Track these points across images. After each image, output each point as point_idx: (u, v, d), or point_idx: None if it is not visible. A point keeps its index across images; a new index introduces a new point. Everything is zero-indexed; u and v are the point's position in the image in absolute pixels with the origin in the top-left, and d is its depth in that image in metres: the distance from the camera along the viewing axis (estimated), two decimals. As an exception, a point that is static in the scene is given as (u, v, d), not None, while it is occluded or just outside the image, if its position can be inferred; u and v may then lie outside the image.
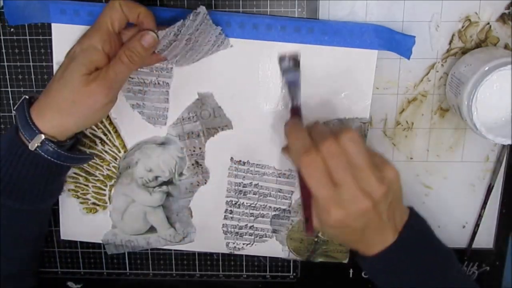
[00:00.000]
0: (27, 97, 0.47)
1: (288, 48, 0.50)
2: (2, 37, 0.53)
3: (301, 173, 0.43)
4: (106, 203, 0.56)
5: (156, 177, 0.55)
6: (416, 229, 0.47)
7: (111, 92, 0.46)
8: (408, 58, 0.49)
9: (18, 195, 0.47)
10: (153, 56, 0.49)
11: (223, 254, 0.59)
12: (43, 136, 0.46)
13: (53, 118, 0.46)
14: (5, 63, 0.53)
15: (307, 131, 0.45)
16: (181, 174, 0.55)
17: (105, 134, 0.54)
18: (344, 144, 0.42)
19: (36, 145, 0.46)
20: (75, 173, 0.55)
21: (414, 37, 0.49)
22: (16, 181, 0.47)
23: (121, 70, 0.46)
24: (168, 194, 0.56)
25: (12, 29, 0.53)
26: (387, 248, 0.45)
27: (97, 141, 0.55)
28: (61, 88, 0.45)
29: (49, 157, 0.46)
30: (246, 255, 0.59)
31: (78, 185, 0.56)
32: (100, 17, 0.46)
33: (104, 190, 0.56)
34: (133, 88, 0.53)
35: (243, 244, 0.58)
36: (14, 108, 0.48)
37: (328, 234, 0.45)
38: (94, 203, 0.57)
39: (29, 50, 0.53)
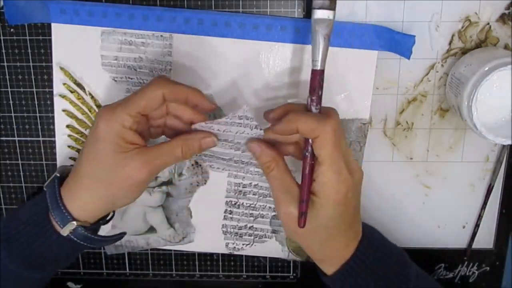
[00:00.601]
0: (58, 175, 0.46)
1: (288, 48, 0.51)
2: (2, 37, 0.53)
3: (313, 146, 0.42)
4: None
5: (156, 177, 0.55)
6: (375, 235, 0.48)
7: (152, 170, 0.43)
8: (408, 58, 0.49)
9: (37, 268, 0.46)
10: None
11: (223, 254, 0.59)
12: (75, 224, 0.44)
13: (86, 203, 0.44)
14: (5, 63, 0.53)
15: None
16: (180, 174, 0.55)
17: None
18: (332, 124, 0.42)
19: (68, 231, 0.44)
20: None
21: (414, 36, 0.49)
22: (39, 257, 0.45)
23: (169, 160, 0.44)
24: (168, 194, 0.56)
25: (12, 29, 0.53)
26: (352, 257, 0.45)
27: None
28: (93, 169, 0.43)
29: (81, 242, 0.45)
30: (246, 255, 0.59)
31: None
32: (137, 97, 0.42)
33: (104, 190, 0.56)
34: (132, 89, 0.53)
35: (243, 244, 0.58)
36: (45, 185, 0.46)
37: (324, 222, 0.43)
38: None
39: (29, 50, 0.53)
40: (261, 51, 0.51)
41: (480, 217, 0.56)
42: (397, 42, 0.49)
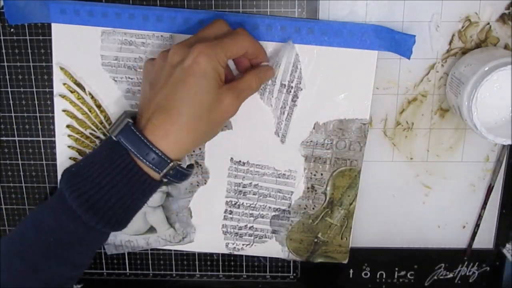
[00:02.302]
0: (130, 120, 0.44)
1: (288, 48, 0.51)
2: (2, 37, 0.53)
3: None
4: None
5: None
6: None
7: (239, 104, 0.46)
8: (409, 58, 0.49)
9: (117, 221, 0.44)
10: None
11: (223, 254, 0.59)
12: (176, 163, 0.44)
13: (181, 141, 0.43)
14: (5, 63, 0.53)
15: None
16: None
17: (105, 135, 0.54)
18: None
19: (164, 172, 0.44)
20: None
21: (414, 36, 0.49)
22: (123, 209, 0.44)
23: (249, 93, 0.48)
24: (168, 194, 0.56)
25: (12, 29, 0.53)
26: None
27: (97, 141, 0.55)
28: (193, 105, 0.43)
29: (175, 181, 0.45)
30: (246, 255, 0.59)
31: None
32: (231, 43, 0.45)
33: (104, 190, 0.56)
34: (132, 89, 0.53)
35: (243, 244, 0.58)
36: (115, 135, 0.43)
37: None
38: None
39: (29, 50, 0.53)
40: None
41: (480, 217, 0.56)
42: (397, 42, 0.49)
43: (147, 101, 0.45)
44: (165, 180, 0.45)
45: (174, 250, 0.59)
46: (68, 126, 0.54)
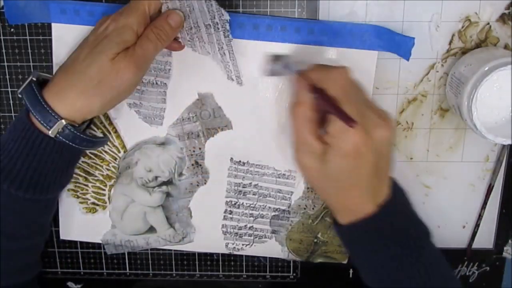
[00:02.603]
0: (34, 78, 0.45)
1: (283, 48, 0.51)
2: (2, 37, 0.53)
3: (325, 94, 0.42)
4: (105, 203, 0.56)
5: (156, 177, 0.55)
6: (401, 197, 0.47)
7: (138, 70, 0.45)
8: (408, 60, 0.49)
9: (30, 185, 0.46)
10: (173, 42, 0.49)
11: (223, 254, 0.59)
12: (64, 122, 0.44)
13: (77, 100, 0.44)
14: (5, 63, 0.53)
15: None
16: (180, 174, 0.55)
17: (104, 135, 0.54)
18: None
19: (56, 131, 0.44)
20: (74, 173, 0.55)
21: (414, 38, 0.49)
22: (29, 171, 0.45)
23: (148, 48, 0.45)
24: (168, 194, 0.56)
25: (12, 29, 0.53)
26: (371, 215, 0.44)
27: (97, 141, 0.55)
28: (87, 66, 0.44)
29: (69, 143, 0.45)
30: (246, 256, 0.59)
31: (77, 185, 0.56)
32: (135, 5, 0.46)
33: (104, 190, 0.56)
34: None
35: (243, 244, 0.58)
36: (19, 91, 0.45)
37: (333, 170, 0.43)
38: (93, 203, 0.57)
39: (29, 50, 0.53)
40: (261, 52, 0.51)
41: (480, 217, 0.56)
42: (396, 43, 0.49)
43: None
44: (60, 140, 0.46)
45: (174, 250, 0.59)
46: (67, 126, 0.54)
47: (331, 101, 0.42)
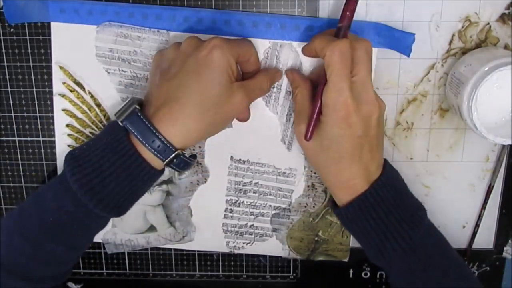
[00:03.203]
0: (138, 107, 0.43)
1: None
2: (2, 37, 0.53)
3: (326, 60, 0.44)
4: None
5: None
6: (393, 176, 0.48)
7: (249, 103, 0.48)
8: (408, 56, 0.49)
9: (115, 207, 0.45)
10: None
11: (223, 254, 0.59)
12: (180, 152, 0.44)
13: (189, 131, 0.43)
14: (5, 63, 0.53)
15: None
16: (180, 173, 0.55)
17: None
18: (361, 49, 0.44)
19: (168, 160, 0.44)
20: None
21: (414, 34, 0.49)
22: (119, 194, 0.44)
23: (260, 94, 0.49)
24: (168, 193, 0.56)
25: (12, 29, 0.53)
26: (371, 187, 0.45)
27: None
28: (203, 97, 0.43)
29: (176, 169, 0.46)
30: (246, 255, 0.59)
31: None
32: (241, 44, 0.46)
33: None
34: (124, 82, 0.53)
35: (243, 243, 0.58)
36: (122, 120, 0.43)
37: (325, 142, 0.46)
38: None
39: (29, 50, 0.53)
40: (260, 49, 0.51)
41: (480, 217, 0.56)
42: (396, 39, 0.49)
43: (157, 89, 0.45)
44: (168, 168, 0.46)
45: (174, 250, 0.59)
46: (67, 126, 0.54)
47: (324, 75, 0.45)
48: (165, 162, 0.44)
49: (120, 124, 0.43)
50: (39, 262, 0.45)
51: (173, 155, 0.44)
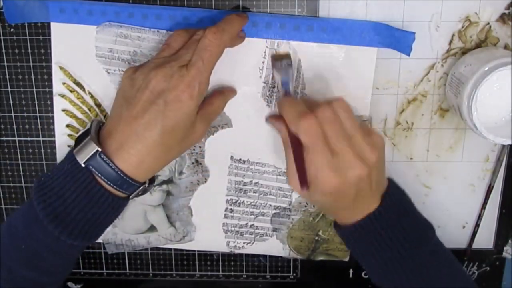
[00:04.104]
0: (99, 149, 0.43)
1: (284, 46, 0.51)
2: (2, 37, 0.53)
3: (298, 137, 0.44)
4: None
5: (156, 176, 0.55)
6: (396, 198, 0.48)
7: (208, 128, 0.49)
8: (408, 55, 0.49)
9: (81, 233, 0.45)
10: None
11: (223, 254, 0.59)
12: (145, 186, 0.46)
13: (150, 164, 0.44)
14: (5, 63, 0.53)
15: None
16: (181, 173, 0.55)
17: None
18: (337, 111, 0.44)
19: (134, 195, 0.46)
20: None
21: (414, 33, 0.49)
22: (83, 221, 0.44)
23: (216, 116, 0.50)
24: (168, 193, 0.56)
25: (12, 29, 0.53)
26: (368, 215, 0.45)
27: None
28: (168, 133, 0.43)
29: (139, 196, 0.47)
30: (246, 255, 0.59)
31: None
32: (208, 59, 0.44)
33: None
34: None
35: (244, 243, 0.58)
36: (84, 162, 0.43)
37: (319, 201, 0.46)
38: None
39: (29, 50, 0.53)
40: (260, 49, 0.51)
41: (480, 217, 0.56)
42: (396, 39, 0.49)
43: (121, 120, 0.44)
44: (141, 195, 0.48)
45: (174, 250, 0.59)
46: (68, 126, 0.54)
47: (299, 148, 0.44)
48: (131, 196, 0.46)
49: (82, 165, 0.43)
50: (16, 285, 0.45)
51: (139, 190, 0.46)
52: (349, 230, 0.47)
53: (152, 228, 0.57)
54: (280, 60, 0.50)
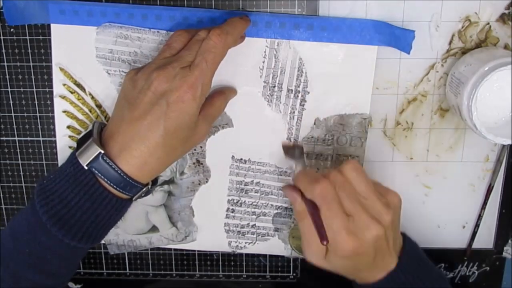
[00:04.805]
0: (102, 151, 0.43)
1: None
2: (2, 37, 0.53)
3: (314, 203, 0.44)
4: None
5: (158, 177, 0.55)
6: (412, 254, 0.48)
7: (210, 128, 0.50)
8: (408, 53, 0.49)
9: (85, 235, 0.45)
10: None
11: (223, 254, 0.59)
12: (148, 187, 0.46)
13: (153, 166, 0.44)
14: (5, 63, 0.53)
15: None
16: (182, 173, 0.55)
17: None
18: (347, 174, 0.45)
19: (137, 196, 0.46)
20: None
21: (414, 31, 0.49)
22: (87, 223, 0.44)
23: (218, 115, 0.50)
24: (170, 193, 0.56)
25: (12, 29, 0.53)
26: (389, 274, 0.46)
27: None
28: (171, 134, 0.43)
29: (142, 197, 0.47)
30: (246, 255, 0.59)
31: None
32: (211, 62, 0.44)
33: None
34: None
35: (245, 243, 0.58)
36: (87, 164, 0.43)
37: (340, 266, 0.46)
38: None
39: (29, 50, 0.53)
40: (260, 48, 0.51)
41: (480, 217, 0.56)
42: (396, 37, 0.49)
43: (124, 122, 0.44)
44: (144, 196, 0.48)
45: (174, 250, 0.59)
46: (68, 127, 0.54)
47: (316, 211, 0.44)
48: (134, 198, 0.46)
49: (85, 167, 0.43)
50: None
51: (142, 191, 0.46)
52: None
53: (154, 229, 0.57)
54: (293, 149, 0.52)
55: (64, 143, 0.55)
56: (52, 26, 0.51)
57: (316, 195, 0.44)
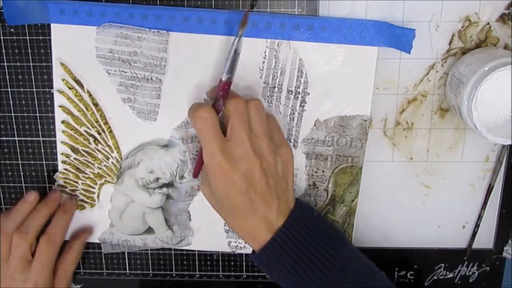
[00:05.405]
0: None
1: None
2: (2, 37, 0.53)
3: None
4: (94, 201, 0.56)
5: (157, 179, 0.55)
6: (303, 215, 0.48)
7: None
8: (409, 52, 0.49)
9: None
10: None
11: (223, 254, 0.59)
12: None
13: None
14: (5, 63, 0.53)
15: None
16: (182, 177, 0.55)
17: (99, 133, 0.54)
18: (249, 109, 0.46)
19: None
20: (65, 169, 0.55)
21: (414, 30, 0.49)
22: None
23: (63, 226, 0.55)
24: (168, 196, 0.56)
25: (12, 29, 0.53)
26: (274, 236, 0.46)
27: (91, 139, 0.55)
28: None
29: None
30: (246, 255, 0.59)
31: (67, 181, 0.56)
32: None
33: (94, 188, 0.56)
34: (125, 82, 0.53)
35: (245, 243, 0.57)
36: None
37: (217, 196, 0.47)
38: (81, 200, 0.57)
39: (29, 50, 0.53)
40: (260, 49, 0.51)
41: (480, 217, 0.56)
42: (397, 37, 0.49)
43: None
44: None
45: (174, 250, 0.59)
46: (63, 122, 0.54)
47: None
48: None
49: None
50: None
51: None
52: (257, 257, 0.47)
53: (149, 230, 0.57)
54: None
55: (58, 138, 0.55)
56: (52, 26, 0.51)
57: (196, 119, 0.45)
